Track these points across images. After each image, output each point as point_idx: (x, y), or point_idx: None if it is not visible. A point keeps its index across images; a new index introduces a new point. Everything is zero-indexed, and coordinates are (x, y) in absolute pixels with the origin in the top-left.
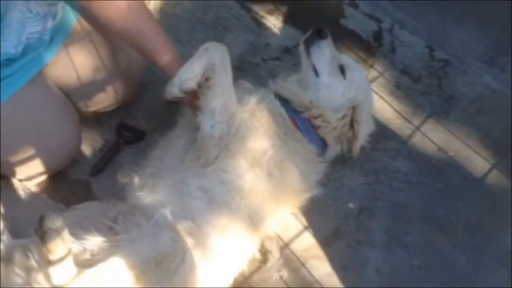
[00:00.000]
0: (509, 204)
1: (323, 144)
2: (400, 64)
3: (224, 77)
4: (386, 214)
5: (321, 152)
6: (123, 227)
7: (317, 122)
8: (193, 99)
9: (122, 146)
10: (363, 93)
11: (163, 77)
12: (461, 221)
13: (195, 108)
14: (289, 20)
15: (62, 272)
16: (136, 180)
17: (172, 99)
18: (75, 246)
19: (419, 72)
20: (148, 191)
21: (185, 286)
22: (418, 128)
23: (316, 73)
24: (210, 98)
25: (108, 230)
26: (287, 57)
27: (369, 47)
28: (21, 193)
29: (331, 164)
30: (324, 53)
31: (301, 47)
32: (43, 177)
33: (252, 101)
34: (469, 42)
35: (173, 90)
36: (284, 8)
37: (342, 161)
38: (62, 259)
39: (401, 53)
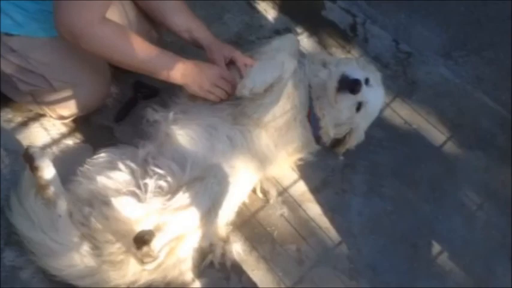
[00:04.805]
0: (461, 169)
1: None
2: (372, 52)
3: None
4: (365, 170)
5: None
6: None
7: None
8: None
9: (139, 99)
10: (367, 122)
11: (173, 43)
12: (424, 179)
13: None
14: (278, 7)
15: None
16: (171, 115)
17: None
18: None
19: (388, 60)
20: (181, 126)
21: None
22: (388, 105)
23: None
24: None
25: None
26: None
27: (346, 36)
28: (52, 132)
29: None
30: (349, 101)
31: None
32: (72, 118)
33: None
34: (430, 38)
35: (244, 92)
36: None
37: None
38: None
39: (372, 44)
